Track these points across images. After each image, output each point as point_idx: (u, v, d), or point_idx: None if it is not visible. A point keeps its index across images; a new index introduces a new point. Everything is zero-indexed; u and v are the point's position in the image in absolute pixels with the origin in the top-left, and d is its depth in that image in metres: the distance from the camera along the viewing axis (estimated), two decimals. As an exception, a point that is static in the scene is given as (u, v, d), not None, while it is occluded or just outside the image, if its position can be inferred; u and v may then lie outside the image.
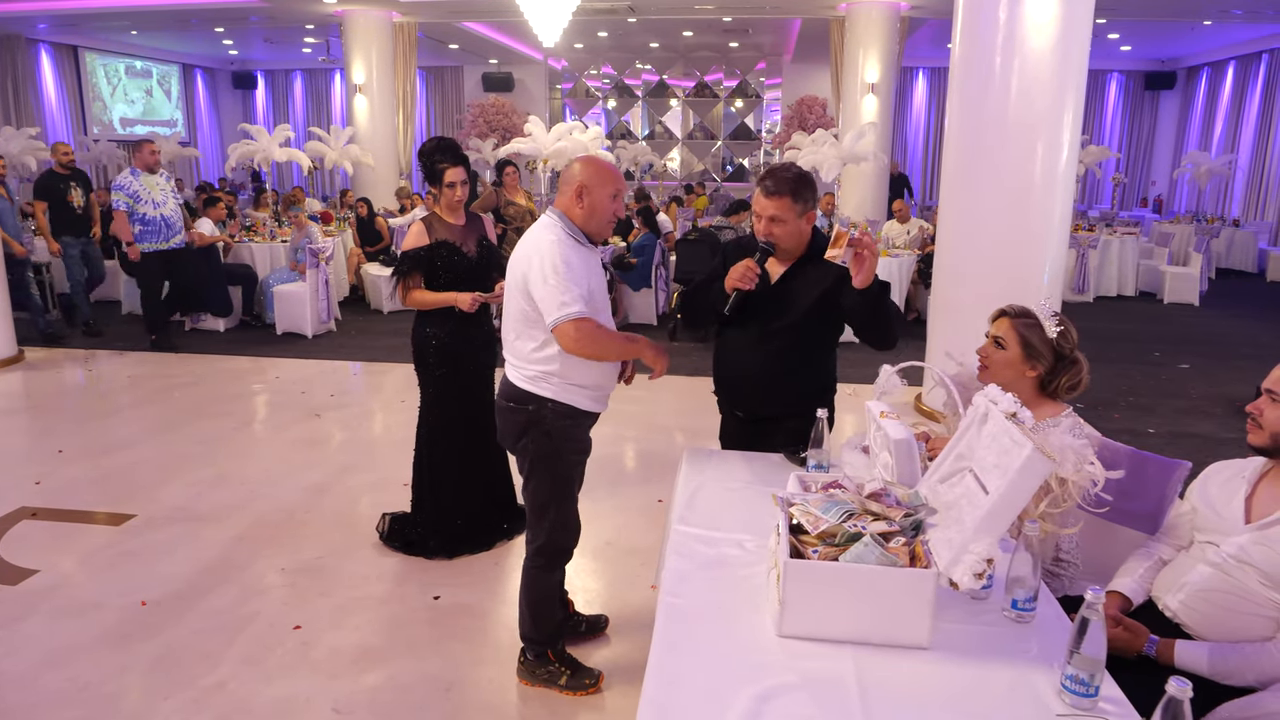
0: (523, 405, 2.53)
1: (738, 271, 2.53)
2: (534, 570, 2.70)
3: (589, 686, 2.71)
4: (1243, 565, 1.90)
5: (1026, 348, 2.24)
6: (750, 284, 2.53)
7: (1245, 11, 11.85)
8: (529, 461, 2.60)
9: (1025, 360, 2.25)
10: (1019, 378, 2.26)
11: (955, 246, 5.31)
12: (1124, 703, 1.51)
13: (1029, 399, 2.23)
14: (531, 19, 8.78)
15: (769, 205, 2.56)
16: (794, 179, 2.56)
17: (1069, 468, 1.80)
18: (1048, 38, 4.70)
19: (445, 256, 3.52)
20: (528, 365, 2.51)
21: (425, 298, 3.51)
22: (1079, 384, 2.28)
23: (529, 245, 2.48)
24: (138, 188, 7.14)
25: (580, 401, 2.55)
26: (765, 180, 2.59)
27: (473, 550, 3.68)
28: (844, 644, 1.65)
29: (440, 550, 3.65)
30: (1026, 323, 2.25)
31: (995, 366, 2.27)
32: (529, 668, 2.77)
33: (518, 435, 2.58)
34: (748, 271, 2.52)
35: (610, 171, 2.52)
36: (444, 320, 3.55)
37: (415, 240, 3.53)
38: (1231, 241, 13.13)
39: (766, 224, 2.57)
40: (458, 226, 3.61)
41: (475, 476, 3.72)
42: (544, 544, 2.65)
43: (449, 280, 3.53)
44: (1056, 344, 2.23)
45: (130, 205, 7.10)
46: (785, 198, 2.54)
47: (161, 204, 7.21)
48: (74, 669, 2.86)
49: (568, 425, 2.55)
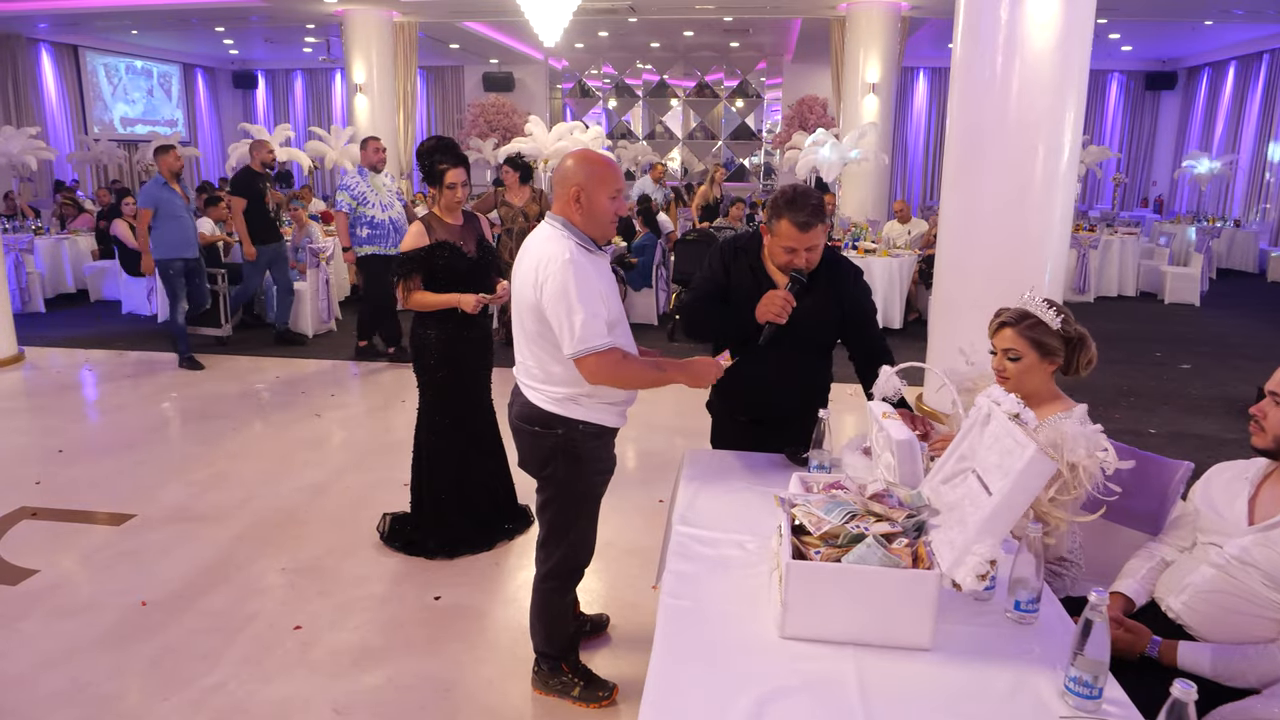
0: (550, 430, 2.37)
1: (775, 306, 2.47)
2: (548, 594, 2.60)
3: (603, 699, 2.66)
4: (1245, 566, 1.89)
5: (1040, 348, 2.23)
6: (785, 318, 2.49)
7: (1246, 11, 11.84)
8: (553, 486, 2.46)
9: (1042, 361, 2.24)
10: (1042, 378, 2.26)
11: (956, 247, 5.30)
12: (1127, 704, 1.50)
13: (1049, 394, 2.26)
14: (532, 19, 8.77)
15: (807, 239, 2.49)
16: (819, 206, 2.52)
17: (1080, 452, 1.80)
18: (1049, 38, 4.70)
19: (445, 257, 3.50)
20: (554, 387, 2.34)
21: (427, 299, 3.49)
22: (1093, 358, 2.28)
23: (537, 261, 2.26)
24: (365, 189, 6.57)
25: (609, 419, 2.42)
26: (796, 215, 2.47)
27: (473, 550, 3.68)
28: (846, 645, 1.65)
29: (440, 550, 3.64)
30: (1030, 325, 2.24)
31: (1016, 377, 2.25)
32: (543, 678, 2.72)
33: (544, 461, 2.42)
34: (786, 305, 2.47)
35: (607, 169, 2.33)
36: (443, 321, 3.55)
37: (414, 241, 3.50)
38: (1232, 242, 13.12)
39: (806, 255, 2.53)
40: (456, 226, 3.60)
41: (475, 476, 3.72)
42: (557, 565, 2.54)
43: (449, 281, 3.51)
44: (1063, 332, 2.23)
45: (353, 207, 6.54)
46: (818, 226, 2.50)
47: (389, 207, 6.66)
48: (73, 669, 2.86)
49: (596, 446, 2.43)
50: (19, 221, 10.18)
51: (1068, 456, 1.78)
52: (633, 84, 19.50)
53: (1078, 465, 1.80)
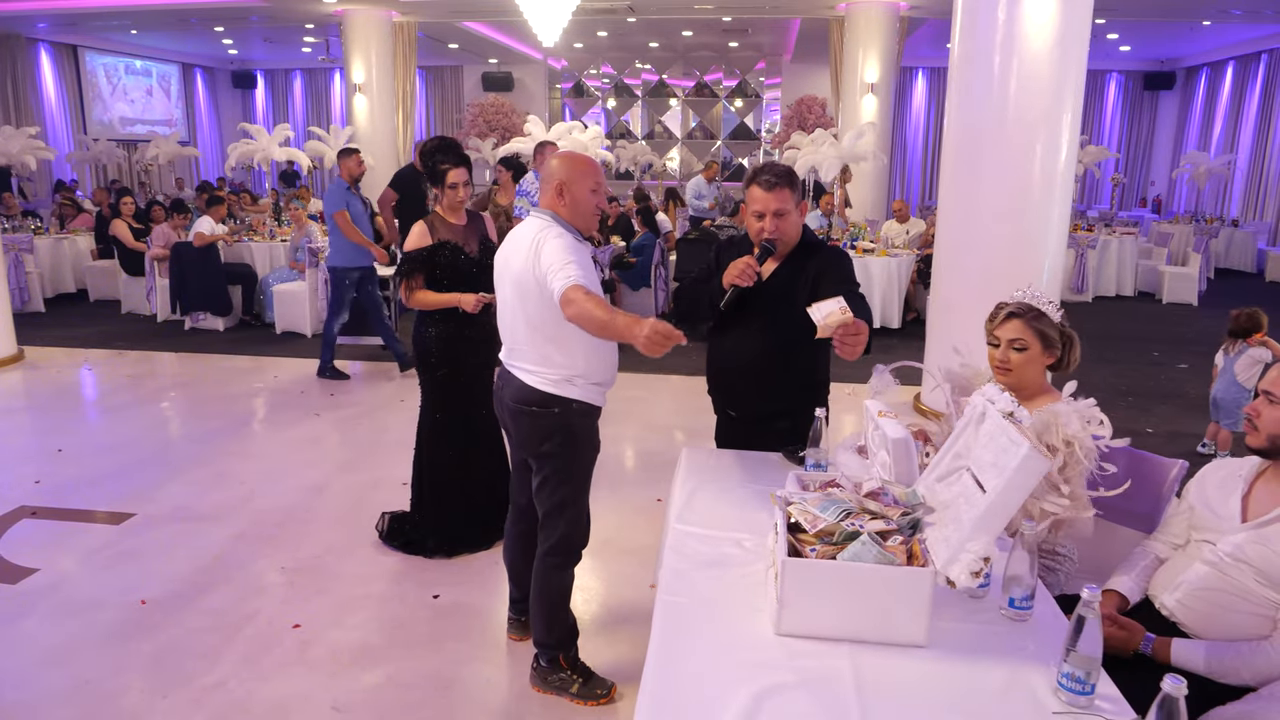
0: (548, 409, 2.51)
1: (737, 268, 2.53)
2: (549, 570, 2.67)
3: (600, 696, 2.68)
4: (1239, 564, 1.90)
5: (1044, 340, 2.29)
6: (749, 280, 2.53)
7: (1244, 11, 11.85)
8: (551, 463, 2.57)
9: (1044, 353, 2.31)
10: (1039, 370, 2.33)
11: (954, 246, 5.31)
12: (1120, 700, 1.52)
13: (1043, 387, 2.32)
14: (531, 19, 8.78)
15: (772, 199, 2.56)
16: (788, 171, 2.62)
17: (1074, 426, 1.86)
18: (1047, 37, 4.71)
19: (447, 257, 3.52)
20: (551, 370, 2.50)
21: (428, 298, 3.51)
22: (1079, 357, 2.36)
23: (518, 239, 2.50)
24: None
25: (597, 398, 2.58)
26: (762, 175, 2.60)
27: (472, 549, 3.69)
28: (841, 642, 1.66)
29: (439, 549, 3.66)
30: (1036, 316, 2.29)
31: (1019, 368, 2.29)
32: (541, 674, 2.74)
33: (542, 439, 2.55)
34: (747, 268, 2.52)
35: (587, 165, 2.54)
36: (445, 320, 3.56)
37: (417, 241, 3.53)
38: (1230, 241, 13.13)
39: (772, 220, 2.57)
40: (459, 226, 3.61)
41: (476, 475, 3.73)
42: (557, 542, 2.64)
43: (451, 281, 3.53)
44: (1062, 325, 2.31)
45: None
46: (785, 189, 2.57)
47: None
48: (73, 668, 2.87)
49: (588, 424, 2.59)
50: (18, 220, 10.17)
51: (1062, 433, 1.84)
52: (632, 84, 19.51)
53: (1073, 440, 1.85)
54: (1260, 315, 4.84)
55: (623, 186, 15.54)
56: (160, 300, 8.41)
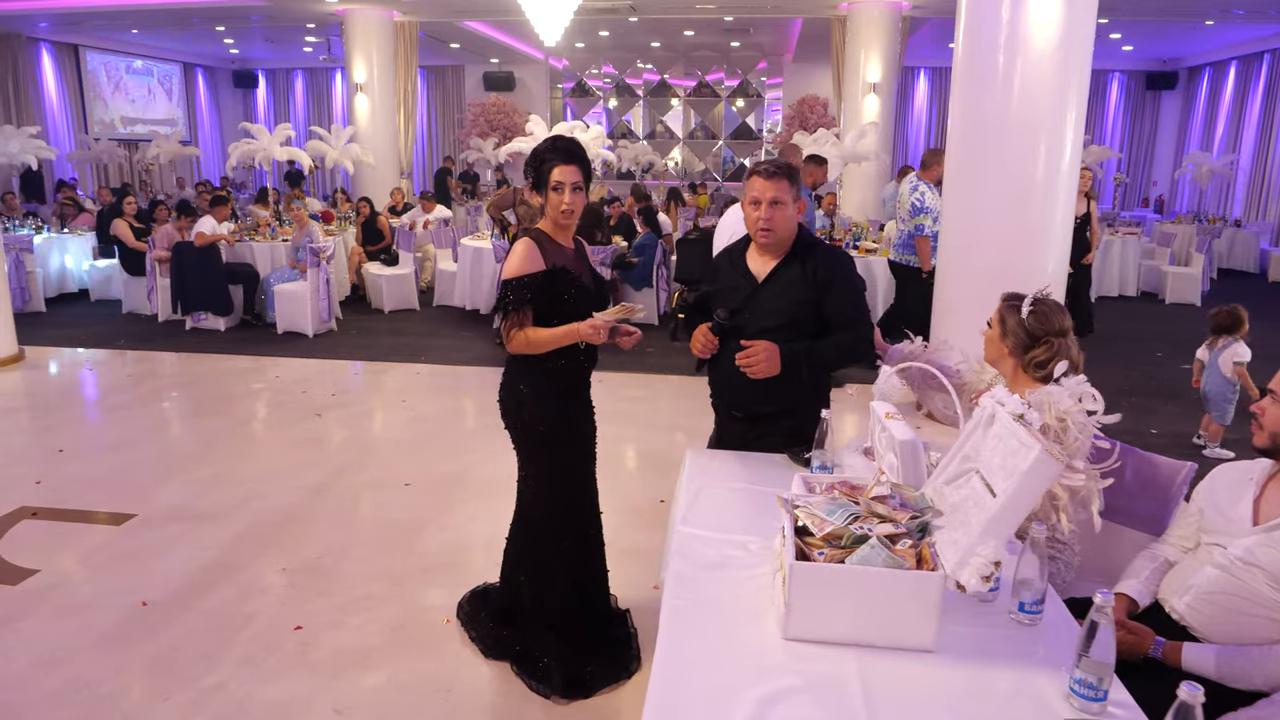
0: None
1: (698, 343, 2.66)
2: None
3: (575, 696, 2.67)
4: (1250, 567, 1.88)
5: (1002, 325, 2.34)
6: (708, 355, 2.66)
7: (1247, 11, 11.83)
8: None
9: (1002, 339, 2.35)
10: (1001, 356, 2.38)
11: (958, 246, 5.30)
12: (1133, 706, 1.50)
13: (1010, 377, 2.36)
14: (533, 18, 8.76)
15: (769, 187, 2.56)
16: (790, 166, 2.63)
17: (1066, 402, 1.90)
18: (1050, 37, 4.69)
19: (566, 287, 2.64)
20: None
21: (541, 336, 2.59)
22: (1046, 363, 2.27)
23: None
24: (939, 207, 5.76)
25: None
26: (761, 165, 2.63)
27: (608, 685, 2.77)
28: (849, 646, 1.64)
29: (568, 688, 2.72)
30: (1010, 304, 2.36)
31: (985, 344, 2.42)
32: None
33: None
34: (707, 343, 2.64)
35: None
36: (548, 374, 2.69)
37: (527, 264, 2.59)
38: (1233, 242, 13.11)
39: (767, 208, 2.57)
40: (569, 251, 2.71)
41: (591, 575, 2.96)
42: None
43: (561, 321, 2.63)
44: (1027, 325, 2.30)
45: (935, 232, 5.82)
46: (784, 180, 2.57)
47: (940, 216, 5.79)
48: (73, 669, 2.85)
49: None
50: (18, 220, 10.15)
51: (1055, 409, 1.87)
52: (633, 83, 19.49)
53: (1066, 415, 1.89)
54: (1241, 311, 5.00)
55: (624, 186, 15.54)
56: (161, 300, 8.39)
